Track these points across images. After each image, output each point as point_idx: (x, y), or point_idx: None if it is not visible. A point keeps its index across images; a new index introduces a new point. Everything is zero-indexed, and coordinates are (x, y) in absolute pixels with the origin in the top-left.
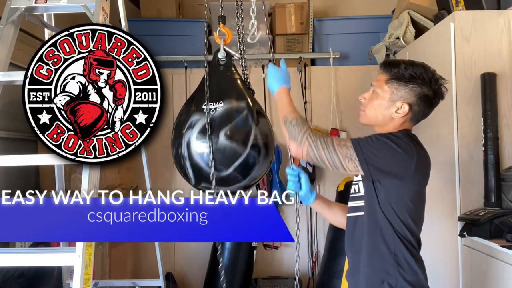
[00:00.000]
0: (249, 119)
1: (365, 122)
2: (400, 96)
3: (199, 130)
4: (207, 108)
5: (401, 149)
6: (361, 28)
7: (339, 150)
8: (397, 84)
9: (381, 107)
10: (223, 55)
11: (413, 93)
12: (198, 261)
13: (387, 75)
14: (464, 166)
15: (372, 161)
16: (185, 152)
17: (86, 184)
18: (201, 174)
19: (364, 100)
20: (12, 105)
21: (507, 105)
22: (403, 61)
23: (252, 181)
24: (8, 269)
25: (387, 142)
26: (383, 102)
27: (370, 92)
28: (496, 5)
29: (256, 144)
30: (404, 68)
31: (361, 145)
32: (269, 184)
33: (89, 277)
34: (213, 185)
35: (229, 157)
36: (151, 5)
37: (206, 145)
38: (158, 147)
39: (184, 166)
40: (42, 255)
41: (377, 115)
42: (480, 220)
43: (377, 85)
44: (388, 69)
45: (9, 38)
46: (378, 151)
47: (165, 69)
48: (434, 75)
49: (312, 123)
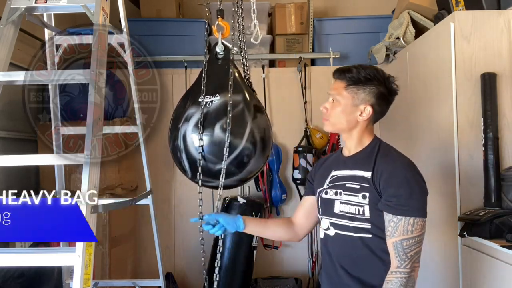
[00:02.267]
0: (245, 113)
1: (330, 130)
2: (361, 100)
3: (195, 123)
4: (203, 101)
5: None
6: (361, 28)
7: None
8: (356, 88)
9: (344, 113)
10: (221, 48)
11: (372, 95)
12: (198, 261)
13: (343, 82)
14: (464, 166)
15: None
16: (181, 145)
17: (86, 184)
18: (196, 167)
19: (326, 110)
20: (12, 105)
21: (507, 105)
22: (354, 66)
23: (248, 174)
24: (8, 269)
25: (422, 187)
26: (346, 108)
27: (330, 101)
28: (496, 5)
29: (252, 138)
30: (357, 72)
31: (422, 210)
32: (269, 184)
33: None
34: (199, 177)
35: (223, 150)
36: (151, 5)
37: (202, 137)
38: (158, 147)
39: (180, 158)
40: (42, 255)
41: (341, 121)
42: (480, 220)
43: (336, 93)
44: (343, 75)
45: (9, 38)
46: (423, 202)
47: (165, 69)
48: (384, 73)
49: (312, 123)
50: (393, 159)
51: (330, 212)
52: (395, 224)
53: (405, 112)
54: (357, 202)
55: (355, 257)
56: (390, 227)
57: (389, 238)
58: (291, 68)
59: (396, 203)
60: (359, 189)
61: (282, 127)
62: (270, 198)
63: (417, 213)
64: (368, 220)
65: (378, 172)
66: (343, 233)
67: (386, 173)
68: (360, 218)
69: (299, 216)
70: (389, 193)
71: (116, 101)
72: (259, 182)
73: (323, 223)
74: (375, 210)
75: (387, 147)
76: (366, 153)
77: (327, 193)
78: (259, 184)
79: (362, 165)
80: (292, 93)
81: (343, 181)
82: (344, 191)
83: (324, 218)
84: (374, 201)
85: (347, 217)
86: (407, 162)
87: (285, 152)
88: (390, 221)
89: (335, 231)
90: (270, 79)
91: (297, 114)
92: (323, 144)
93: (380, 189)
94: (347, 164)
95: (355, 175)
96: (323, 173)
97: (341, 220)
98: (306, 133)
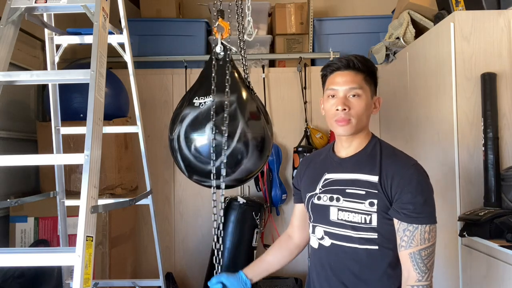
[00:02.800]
0: (237, 113)
1: (351, 132)
2: (373, 91)
3: (188, 123)
4: (198, 102)
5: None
6: (361, 28)
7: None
8: (370, 79)
9: (367, 109)
10: (221, 49)
11: (375, 83)
12: (198, 261)
13: (361, 73)
14: (464, 166)
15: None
16: (176, 145)
17: (86, 184)
18: (191, 167)
19: (347, 109)
20: (12, 105)
21: (507, 105)
22: (356, 55)
23: (245, 174)
24: (8, 269)
25: (432, 189)
26: (368, 103)
27: (351, 97)
28: (496, 5)
29: (243, 137)
30: (368, 60)
31: (435, 215)
32: (269, 184)
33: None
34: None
35: (216, 150)
36: (151, 5)
37: (194, 138)
38: (158, 147)
39: (177, 158)
40: (42, 255)
41: (363, 119)
42: (480, 220)
43: (358, 86)
44: (359, 65)
45: (9, 38)
46: (434, 206)
47: (165, 69)
48: None
49: (312, 123)
50: (401, 161)
51: (324, 220)
52: (411, 234)
53: (405, 112)
54: (363, 210)
55: (358, 272)
56: (406, 237)
57: (404, 249)
58: (291, 68)
59: (413, 211)
60: (365, 195)
61: (282, 127)
62: (270, 198)
63: (432, 219)
64: (375, 230)
65: (387, 176)
66: (342, 244)
67: (398, 177)
68: (365, 228)
69: (297, 226)
70: (404, 200)
71: (116, 101)
72: (259, 182)
73: (316, 232)
74: (384, 219)
75: (389, 146)
76: (366, 154)
77: (320, 198)
78: (259, 184)
79: (365, 168)
80: (292, 93)
81: (341, 185)
82: (345, 197)
83: (318, 227)
84: (383, 208)
85: (349, 227)
86: (416, 163)
87: (285, 152)
88: (406, 230)
89: (331, 241)
90: (270, 79)
91: (297, 114)
92: (323, 144)
93: (392, 195)
94: (344, 167)
95: (356, 179)
96: (312, 176)
97: (340, 229)
98: (306, 133)
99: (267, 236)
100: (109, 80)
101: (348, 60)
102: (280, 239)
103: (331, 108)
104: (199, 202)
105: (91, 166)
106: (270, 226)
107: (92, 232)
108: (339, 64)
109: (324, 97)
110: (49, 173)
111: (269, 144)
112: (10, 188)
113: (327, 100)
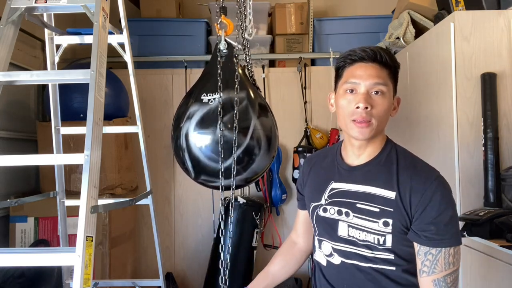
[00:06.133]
0: (249, 110)
1: (370, 135)
2: (394, 91)
3: (197, 121)
4: (206, 98)
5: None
6: (361, 28)
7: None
8: (394, 76)
9: (389, 111)
10: (225, 46)
11: (396, 83)
12: (198, 261)
13: (386, 68)
14: (464, 166)
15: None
16: (183, 144)
17: (86, 184)
18: (200, 167)
19: (370, 107)
20: (12, 105)
21: (507, 105)
22: (378, 47)
23: (253, 174)
24: (8, 269)
25: (455, 204)
26: (390, 103)
27: (374, 95)
28: (496, 5)
29: (256, 135)
30: (393, 55)
31: (458, 239)
32: (269, 184)
33: (89, 277)
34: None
35: (228, 148)
36: (151, 5)
37: (204, 136)
38: (158, 147)
39: (183, 158)
40: (42, 255)
41: (384, 121)
42: (480, 220)
43: (383, 82)
44: (386, 58)
45: (9, 38)
46: (459, 224)
47: (165, 69)
48: None
49: (312, 123)
50: (423, 174)
51: (332, 235)
52: (433, 258)
53: (405, 112)
54: (376, 230)
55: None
56: (428, 262)
57: (426, 275)
58: (291, 68)
59: (435, 233)
60: (379, 213)
61: (282, 127)
62: (270, 198)
63: (458, 240)
64: (390, 250)
65: (406, 192)
66: (356, 263)
67: (419, 194)
68: (380, 248)
69: (301, 232)
70: (425, 221)
71: (116, 101)
72: (259, 182)
73: (324, 248)
74: (400, 240)
75: (407, 154)
76: (381, 163)
77: (326, 210)
78: (259, 184)
79: (379, 181)
80: (292, 93)
81: (350, 198)
82: (355, 212)
83: (326, 242)
84: (399, 229)
85: (362, 245)
86: (438, 175)
87: (285, 152)
88: (427, 254)
89: (341, 259)
90: (270, 79)
91: (297, 114)
92: (323, 144)
93: (411, 215)
94: (354, 176)
95: (370, 193)
96: (317, 184)
97: (351, 247)
98: (306, 133)
99: (267, 236)
100: (109, 80)
101: (375, 51)
102: (283, 247)
103: (348, 105)
104: (199, 202)
105: (91, 166)
106: (270, 226)
107: (92, 232)
108: (363, 54)
109: (339, 91)
110: (49, 173)
111: (276, 143)
112: (10, 188)
113: (343, 95)
